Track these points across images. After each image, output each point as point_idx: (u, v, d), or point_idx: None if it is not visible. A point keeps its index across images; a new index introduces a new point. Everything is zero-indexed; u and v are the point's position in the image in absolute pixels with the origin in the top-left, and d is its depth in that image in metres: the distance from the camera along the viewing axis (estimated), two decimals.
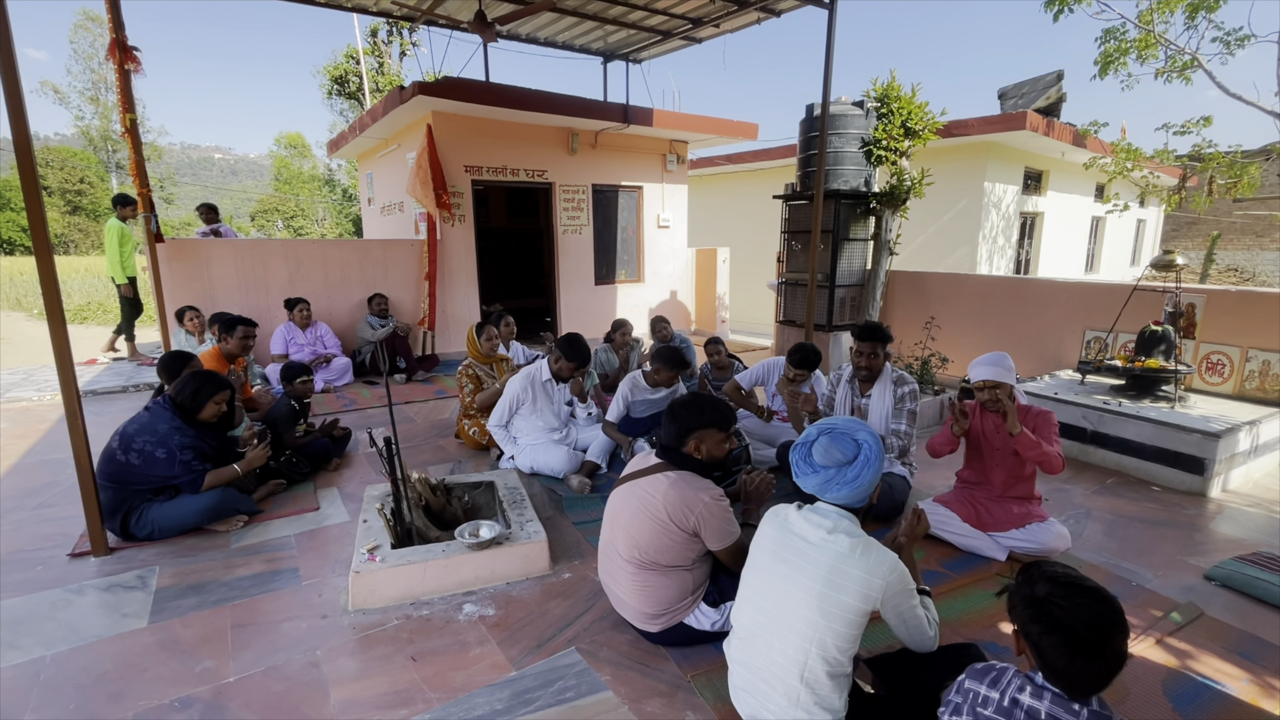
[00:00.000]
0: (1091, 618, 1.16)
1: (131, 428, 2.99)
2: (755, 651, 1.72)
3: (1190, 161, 8.94)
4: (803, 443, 1.78)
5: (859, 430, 1.74)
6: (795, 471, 1.75)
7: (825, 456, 1.71)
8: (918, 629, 1.70)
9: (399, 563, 2.53)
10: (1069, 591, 1.20)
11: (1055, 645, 1.17)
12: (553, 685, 2.05)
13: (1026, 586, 1.27)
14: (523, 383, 3.87)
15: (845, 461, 1.68)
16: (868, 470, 1.67)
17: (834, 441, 1.72)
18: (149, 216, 5.51)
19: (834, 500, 1.70)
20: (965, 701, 1.32)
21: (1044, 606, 1.20)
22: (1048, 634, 1.18)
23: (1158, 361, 4.29)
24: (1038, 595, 1.22)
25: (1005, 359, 2.86)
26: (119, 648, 2.25)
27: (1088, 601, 1.18)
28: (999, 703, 1.26)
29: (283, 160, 38.23)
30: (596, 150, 8.36)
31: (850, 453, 1.69)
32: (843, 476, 1.67)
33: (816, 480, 1.70)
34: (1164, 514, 3.41)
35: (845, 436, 1.72)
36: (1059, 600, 1.19)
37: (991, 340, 6.02)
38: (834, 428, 1.76)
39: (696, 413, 2.15)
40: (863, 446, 1.70)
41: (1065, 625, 1.17)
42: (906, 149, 6.32)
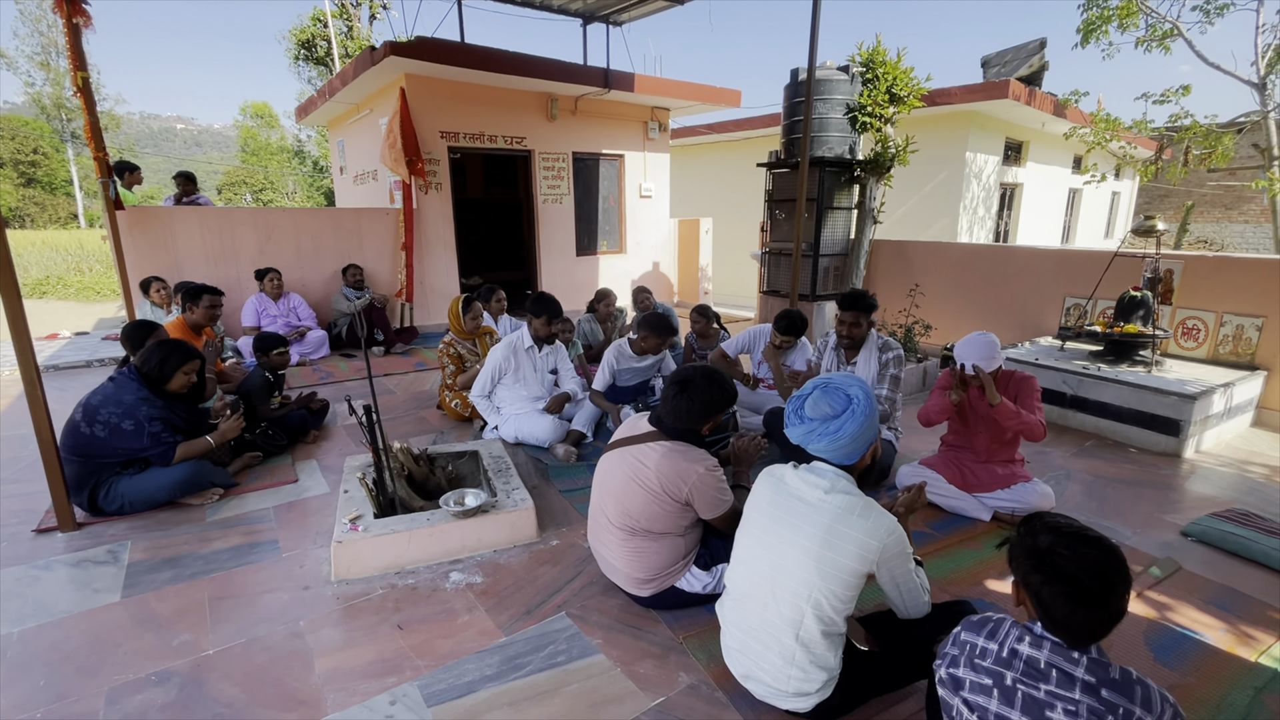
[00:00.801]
0: (1095, 567, 1.15)
1: (95, 399, 2.86)
2: (749, 612, 1.71)
3: (1167, 132, 9.02)
4: (799, 395, 1.75)
5: (852, 385, 1.71)
6: (786, 423, 1.72)
7: (815, 409, 1.68)
8: (912, 594, 1.69)
9: (383, 532, 2.48)
10: (1072, 541, 1.18)
11: (1058, 595, 1.16)
12: (543, 650, 2.03)
13: (1029, 537, 1.25)
14: (504, 351, 3.79)
15: (833, 415, 1.66)
16: (850, 423, 1.64)
17: (826, 395, 1.69)
18: (106, 182, 5.25)
19: (817, 452, 1.68)
20: (962, 654, 1.30)
21: (1047, 557, 1.18)
22: (1050, 584, 1.17)
23: (1136, 327, 4.35)
24: (1040, 546, 1.21)
25: (994, 346, 2.83)
26: (90, 623, 2.17)
27: (1091, 551, 1.17)
28: (997, 653, 1.25)
29: (249, 131, 36.82)
30: (577, 117, 8.15)
31: (840, 406, 1.67)
32: (825, 428, 1.65)
33: (801, 430, 1.68)
34: (1141, 474, 3.48)
35: (838, 391, 1.70)
36: (1062, 550, 1.17)
37: (973, 308, 6.06)
38: (829, 382, 1.73)
39: (720, 392, 2.09)
40: (854, 400, 1.68)
41: (1069, 575, 1.15)
42: (891, 115, 6.25)
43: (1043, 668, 1.18)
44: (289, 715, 1.77)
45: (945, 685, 1.31)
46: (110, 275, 11.69)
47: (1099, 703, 1.11)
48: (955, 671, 1.29)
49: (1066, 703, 1.13)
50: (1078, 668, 1.16)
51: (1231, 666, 1.99)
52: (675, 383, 2.09)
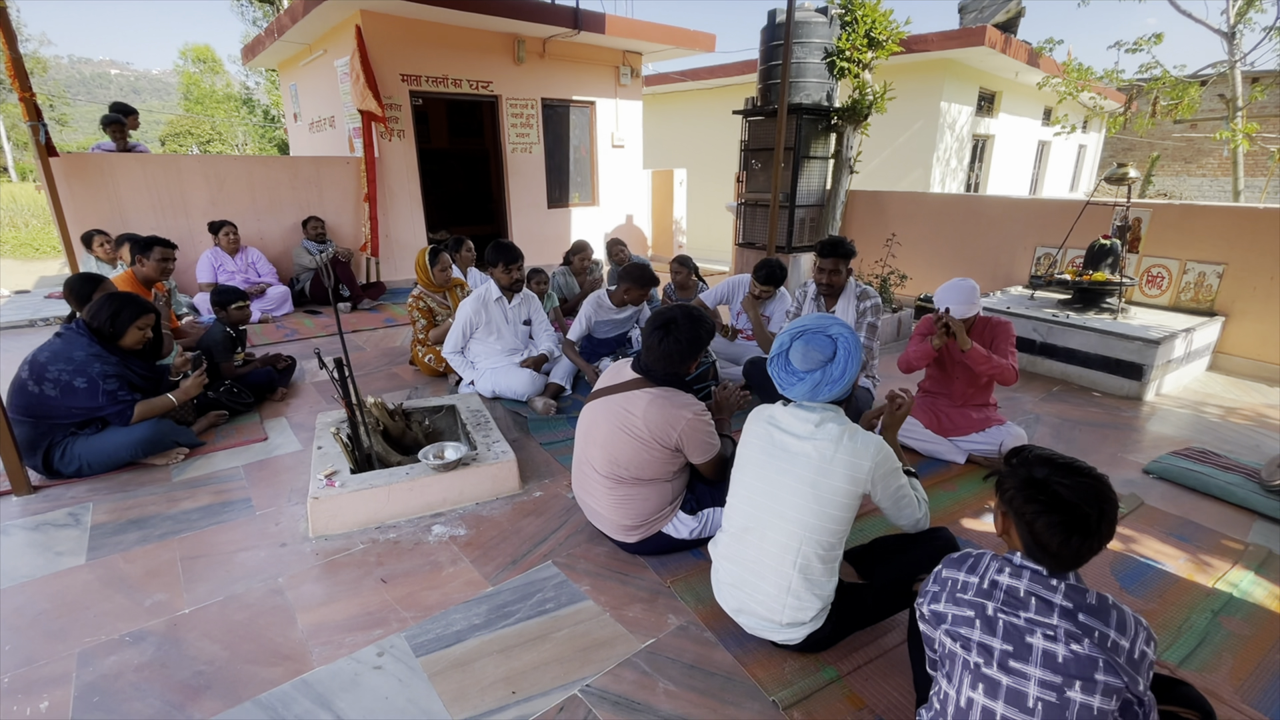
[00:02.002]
0: (1093, 495, 1.16)
1: (43, 355, 2.68)
2: (746, 545, 1.72)
3: (1137, 82, 9.06)
4: (778, 354, 1.72)
5: (831, 325, 1.69)
6: (780, 384, 1.70)
7: (806, 360, 1.66)
8: (909, 507, 1.73)
9: (361, 487, 2.41)
10: (1068, 472, 1.19)
11: (1054, 525, 1.16)
12: (531, 598, 2.03)
13: (1022, 469, 1.25)
14: (474, 305, 3.68)
15: (826, 360, 1.64)
16: (852, 362, 1.64)
17: (809, 343, 1.67)
18: (35, 126, 4.85)
19: (827, 399, 1.67)
20: (944, 590, 1.31)
21: (1044, 487, 1.19)
22: (1047, 513, 1.17)
23: (1104, 275, 4.43)
24: (1037, 477, 1.21)
25: (974, 292, 2.84)
26: (56, 586, 2.08)
27: (1086, 480, 1.18)
28: (978, 586, 1.26)
29: (191, 77, 34.42)
30: (545, 60, 7.79)
31: (828, 349, 1.65)
32: (829, 376, 1.64)
33: (805, 387, 1.65)
34: (1105, 417, 3.60)
35: (818, 335, 1.68)
36: (1061, 480, 1.18)
37: (946, 258, 6.10)
38: (804, 328, 1.71)
39: (702, 327, 2.06)
40: (838, 340, 1.66)
41: (1068, 504, 1.16)
42: (870, 61, 6.12)
43: (1022, 596, 1.20)
44: (274, 670, 1.74)
45: (926, 620, 1.32)
46: (49, 231, 11.00)
47: (1076, 626, 1.14)
48: (936, 607, 1.30)
49: (1045, 628, 1.15)
50: (1055, 594, 1.19)
51: (1191, 592, 2.09)
52: (658, 327, 2.04)
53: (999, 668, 1.16)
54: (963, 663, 1.21)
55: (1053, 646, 1.13)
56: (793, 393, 1.68)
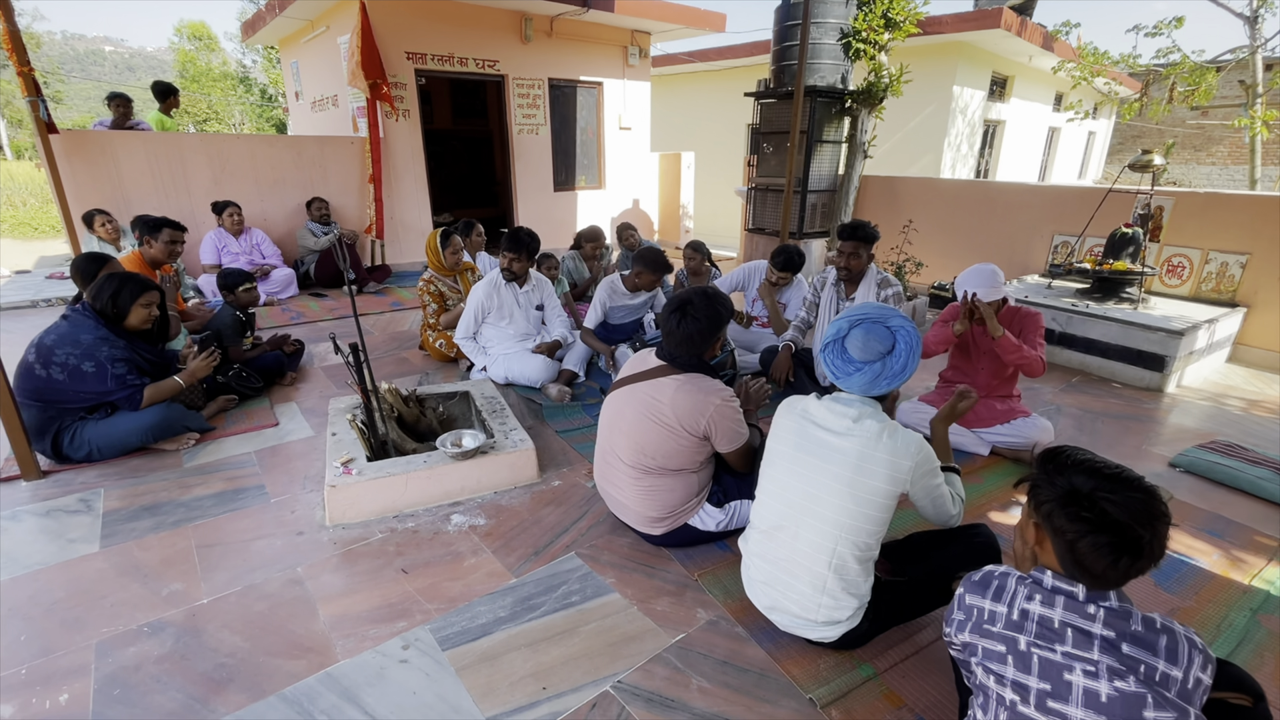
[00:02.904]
0: (1146, 513, 1.03)
1: (49, 339, 2.62)
2: (778, 543, 1.67)
3: (1154, 68, 8.91)
4: (834, 339, 1.65)
5: (891, 316, 1.63)
6: (835, 374, 1.64)
7: (865, 350, 1.59)
8: (942, 507, 1.70)
9: (378, 475, 2.37)
10: (1116, 485, 1.05)
11: (1100, 546, 1.03)
12: (556, 590, 1.99)
13: (1059, 477, 1.10)
14: (486, 289, 3.61)
15: (885, 351, 1.58)
16: (913, 357, 1.58)
17: (869, 332, 1.60)
18: (35, 101, 4.73)
19: (879, 393, 1.61)
20: (969, 619, 1.19)
21: (1090, 503, 1.05)
22: (1094, 533, 1.04)
23: (1125, 264, 4.36)
24: (1080, 489, 1.07)
25: (997, 275, 2.77)
26: (70, 574, 2.04)
27: (1137, 494, 1.04)
28: (1007, 616, 1.13)
29: (187, 54, 33.85)
30: (553, 39, 7.63)
31: (887, 341, 1.59)
32: (890, 369, 1.58)
33: (864, 379, 1.59)
34: (1127, 409, 3.55)
35: (878, 325, 1.61)
36: (1109, 494, 1.04)
37: (960, 245, 6.02)
38: (865, 316, 1.64)
39: (720, 305, 2.00)
40: (898, 333, 1.60)
41: (1117, 523, 1.03)
42: (886, 42, 5.99)
43: (1056, 627, 1.07)
44: (297, 663, 1.70)
45: (957, 649, 1.23)
46: (49, 210, 10.86)
47: (1119, 661, 1.02)
48: (965, 638, 1.19)
49: (1085, 663, 1.03)
50: (1094, 623, 1.06)
51: (1228, 589, 2.06)
52: (674, 311, 1.99)
53: (1036, 708, 1.06)
54: (997, 698, 1.12)
55: (1094, 684, 1.02)
56: (848, 384, 1.62)
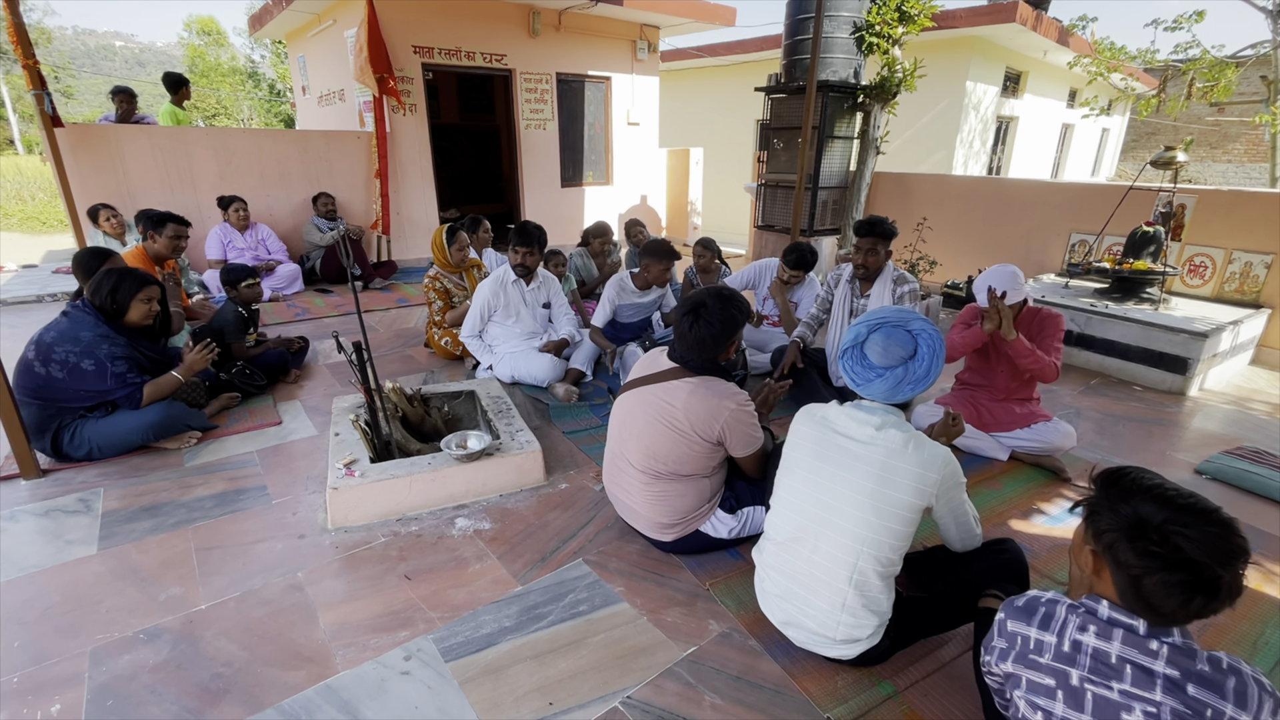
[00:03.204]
0: (1224, 550, 0.93)
1: (49, 335, 2.58)
2: (796, 556, 1.60)
3: (1172, 63, 8.74)
4: (852, 345, 1.58)
5: (911, 319, 1.55)
6: (854, 380, 1.56)
7: (885, 355, 1.52)
8: (966, 526, 1.63)
9: (381, 477, 2.31)
10: (1190, 517, 0.95)
11: (1172, 585, 0.95)
12: (563, 599, 1.92)
13: (1124, 504, 1.01)
14: (492, 287, 3.55)
15: (907, 356, 1.51)
16: (936, 362, 1.50)
17: (890, 337, 1.53)
18: (40, 95, 4.70)
19: (901, 400, 1.54)
20: (1012, 647, 1.11)
21: (1162, 537, 0.96)
22: (1164, 570, 0.95)
23: (1145, 264, 4.25)
24: (1148, 520, 0.97)
25: (1018, 276, 2.68)
26: (66, 578, 1.99)
27: (1214, 529, 0.94)
28: (1057, 647, 1.05)
29: (196, 49, 33.96)
30: (561, 33, 7.55)
31: (908, 346, 1.51)
32: (912, 374, 1.50)
33: (884, 385, 1.52)
34: (1149, 412, 3.46)
35: (898, 329, 1.54)
36: (1181, 529, 0.94)
37: (974, 244, 5.92)
38: (884, 320, 1.57)
39: (735, 307, 1.91)
40: (919, 336, 1.53)
41: (1192, 561, 0.94)
42: (900, 36, 5.88)
43: (1114, 663, 0.99)
44: (296, 673, 1.65)
45: (997, 679, 1.15)
46: (56, 204, 10.87)
47: (1184, 704, 0.94)
48: (1006, 668, 1.11)
49: (1145, 704, 0.96)
50: (1157, 660, 0.98)
51: (1262, 604, 1.98)
52: (687, 312, 1.90)
53: None
54: None
55: None
56: (868, 390, 1.55)
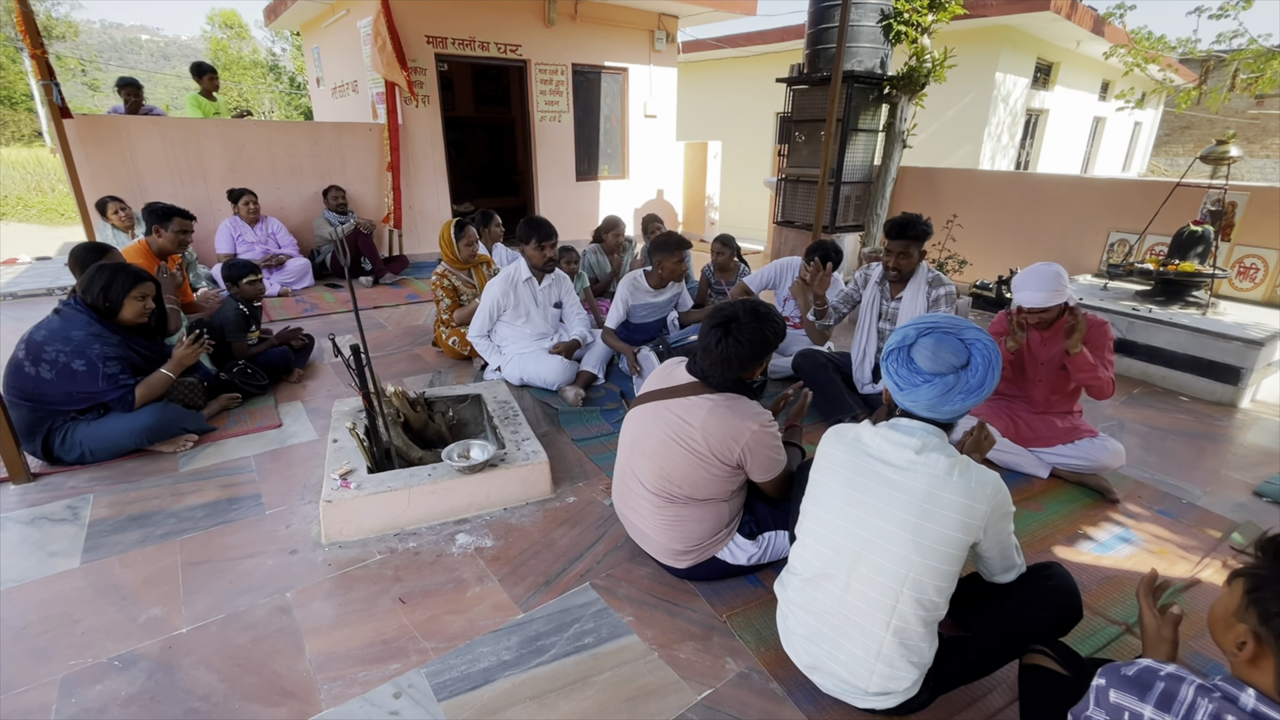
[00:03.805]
0: None
1: (39, 334, 2.48)
2: (824, 594, 1.44)
3: (1215, 53, 8.35)
4: (899, 346, 1.41)
5: (965, 328, 1.38)
6: (899, 385, 1.39)
7: (935, 361, 1.35)
8: (1009, 558, 1.47)
9: (378, 489, 2.18)
10: None
11: None
12: (568, 630, 1.78)
13: None
14: (502, 286, 3.40)
15: (959, 365, 1.33)
16: (991, 374, 1.33)
17: (941, 343, 1.36)
18: (48, 85, 4.63)
19: (949, 415, 1.36)
20: None
21: None
22: None
23: (1192, 265, 4.00)
24: None
25: (1060, 277, 2.44)
26: (45, 594, 1.89)
27: None
28: None
29: (219, 43, 34.28)
30: (577, 22, 7.38)
31: (961, 355, 1.34)
32: (965, 383, 1.33)
33: (931, 392, 1.34)
34: (1198, 426, 3.23)
35: (950, 336, 1.37)
36: None
37: (1005, 242, 5.67)
38: (935, 325, 1.39)
39: (770, 327, 1.73)
40: (973, 347, 1.35)
41: None
42: (930, 24, 5.63)
43: None
44: (276, 710, 1.52)
45: None
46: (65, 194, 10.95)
47: None
48: None
49: None
50: None
51: None
52: (716, 325, 1.73)
53: None
54: None
55: None
56: (913, 397, 1.37)
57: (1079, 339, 2.41)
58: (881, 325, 3.12)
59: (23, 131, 30.60)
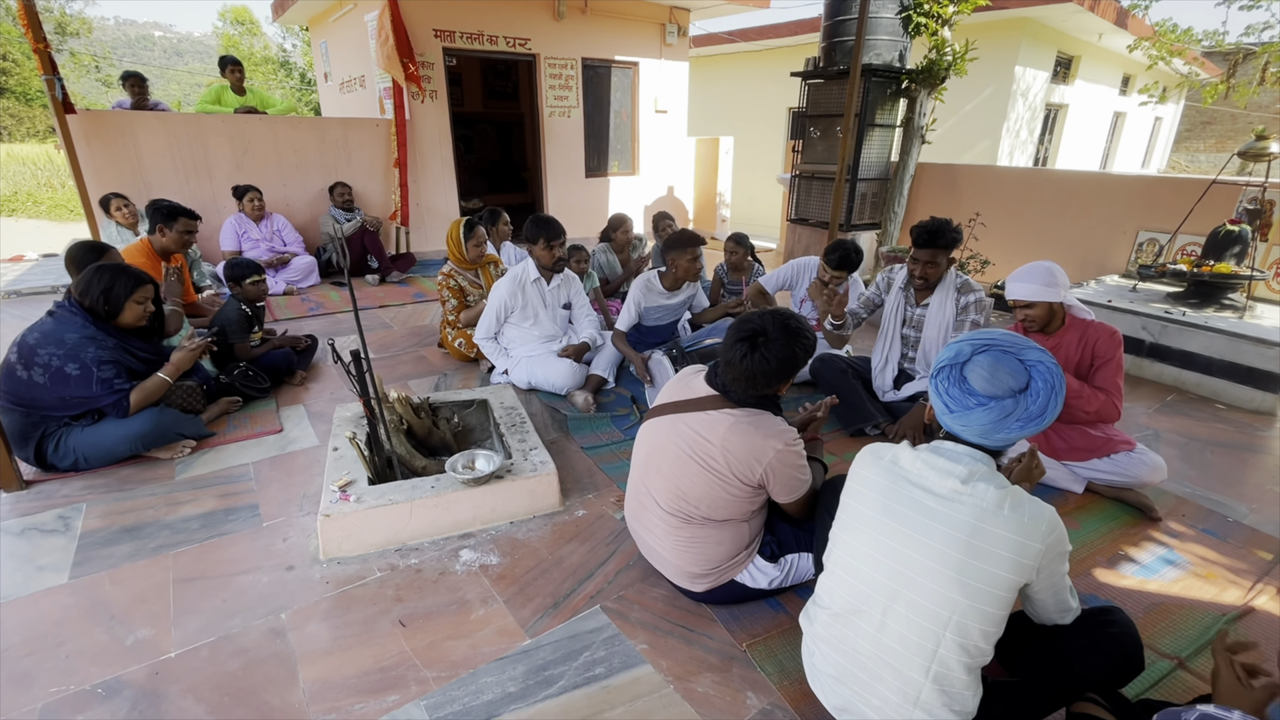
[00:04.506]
0: None
1: (32, 337, 2.39)
2: (856, 632, 1.32)
3: (1244, 46, 8.10)
4: (951, 363, 1.28)
5: (1025, 348, 1.25)
6: (946, 405, 1.26)
7: (992, 383, 1.22)
8: (1063, 600, 1.34)
9: (379, 502, 2.08)
10: None
11: None
12: (577, 658, 1.67)
13: None
14: (510, 286, 3.30)
15: (1018, 389, 1.20)
16: (1054, 400, 1.20)
17: (999, 362, 1.23)
18: (51, 80, 4.56)
19: (1000, 443, 1.24)
20: None
21: None
22: None
23: (1229, 266, 3.83)
24: None
25: (1048, 274, 2.32)
26: (31, 613, 1.80)
27: None
28: None
29: (230, 39, 34.36)
30: (587, 17, 7.24)
31: (1020, 378, 1.21)
32: (1025, 409, 1.20)
33: (986, 417, 1.21)
34: (1238, 436, 3.07)
35: (1009, 355, 1.24)
36: None
37: (1027, 242, 5.50)
38: (993, 342, 1.26)
39: (801, 343, 1.60)
40: (1034, 369, 1.22)
41: None
42: (950, 16, 5.46)
43: None
44: None
45: None
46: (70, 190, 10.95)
47: None
48: None
49: None
50: None
51: None
52: (743, 338, 1.60)
53: None
54: None
55: None
56: (965, 421, 1.24)
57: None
58: (906, 331, 2.99)
59: (38, 127, 30.80)
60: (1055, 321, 2.43)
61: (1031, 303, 2.36)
